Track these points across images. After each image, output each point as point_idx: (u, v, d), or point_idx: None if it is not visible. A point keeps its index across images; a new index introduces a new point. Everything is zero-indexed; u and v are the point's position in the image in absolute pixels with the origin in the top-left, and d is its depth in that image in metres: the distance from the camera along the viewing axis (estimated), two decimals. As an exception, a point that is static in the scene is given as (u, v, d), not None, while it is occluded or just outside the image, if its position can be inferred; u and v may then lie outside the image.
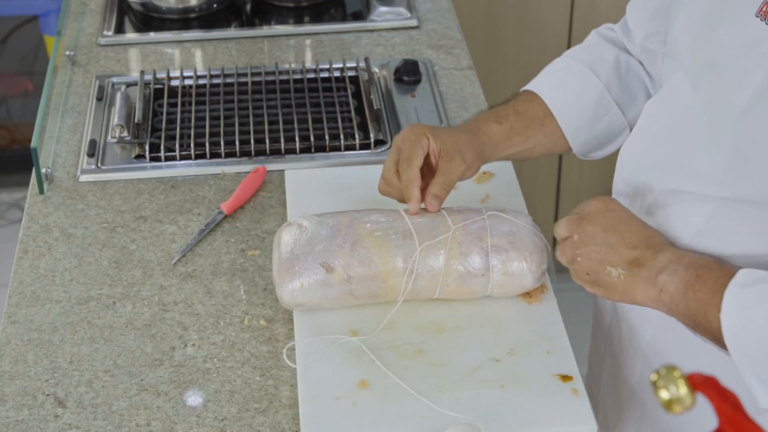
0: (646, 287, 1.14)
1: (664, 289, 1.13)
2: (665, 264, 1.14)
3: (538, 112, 1.41)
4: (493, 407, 1.20)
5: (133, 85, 1.85)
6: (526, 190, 1.56)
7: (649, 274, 1.14)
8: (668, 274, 1.13)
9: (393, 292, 1.30)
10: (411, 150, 1.33)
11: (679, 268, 1.13)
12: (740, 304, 1.07)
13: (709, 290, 1.10)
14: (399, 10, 2.05)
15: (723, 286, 1.09)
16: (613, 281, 1.16)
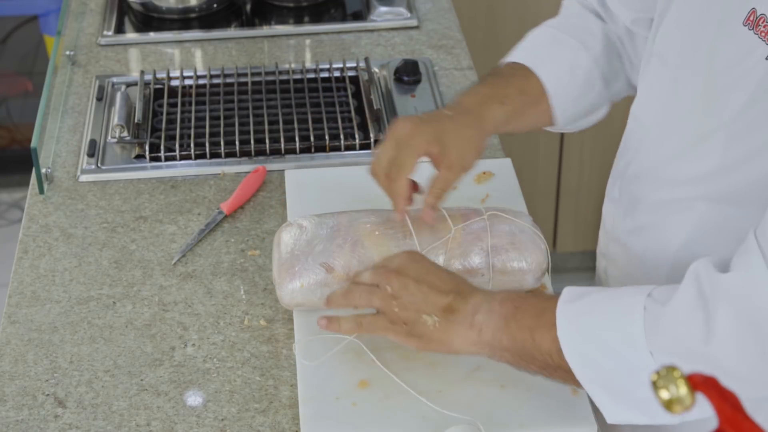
0: (463, 331, 1.16)
1: (483, 328, 1.15)
2: (478, 305, 1.16)
3: (535, 90, 1.38)
4: (493, 407, 1.20)
5: (133, 85, 1.85)
6: (526, 190, 1.56)
7: (464, 318, 1.16)
8: (484, 314, 1.15)
9: None
10: (405, 158, 1.29)
11: (493, 305, 1.15)
12: (574, 316, 1.09)
13: (532, 316, 1.12)
14: (399, 10, 2.05)
15: (545, 309, 1.11)
16: (429, 330, 1.17)
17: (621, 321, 1.06)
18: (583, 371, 1.09)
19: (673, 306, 1.04)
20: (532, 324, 1.12)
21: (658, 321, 1.04)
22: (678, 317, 1.03)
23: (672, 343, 1.03)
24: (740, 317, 1.01)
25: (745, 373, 1.02)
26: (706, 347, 1.01)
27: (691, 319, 1.03)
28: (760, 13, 1.06)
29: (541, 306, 1.13)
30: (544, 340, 1.11)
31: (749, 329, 1.00)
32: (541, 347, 1.11)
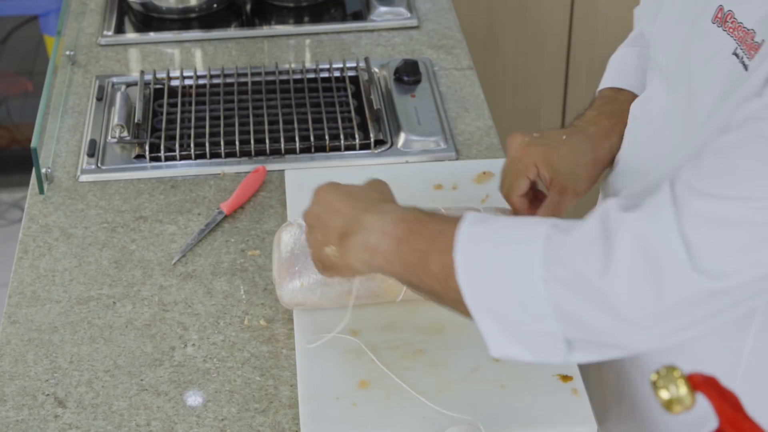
0: (359, 254, 1.14)
1: (376, 250, 1.13)
2: (372, 226, 1.13)
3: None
4: (493, 407, 1.20)
5: (133, 85, 1.85)
6: (526, 190, 1.56)
7: (357, 241, 1.14)
8: (377, 236, 1.13)
9: (393, 291, 1.30)
10: (515, 180, 1.29)
11: (387, 226, 1.13)
12: (474, 238, 1.06)
13: (426, 240, 1.09)
14: (399, 10, 2.05)
15: (441, 233, 1.08)
16: (332, 260, 1.17)
17: (520, 246, 1.03)
18: (473, 296, 1.05)
19: (575, 236, 1.02)
20: (426, 248, 1.09)
21: (558, 250, 1.02)
22: (578, 248, 1.01)
23: (568, 273, 1.01)
24: (640, 254, 0.98)
25: (633, 315, 0.99)
26: (601, 280, 0.99)
27: (591, 251, 1.00)
28: (727, 9, 1.07)
29: (438, 230, 1.10)
30: (435, 264, 1.08)
31: (647, 267, 0.98)
32: (431, 271, 1.08)
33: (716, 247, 0.97)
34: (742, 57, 1.05)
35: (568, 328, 1.02)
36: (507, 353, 1.06)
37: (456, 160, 1.66)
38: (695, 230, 0.97)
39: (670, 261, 0.98)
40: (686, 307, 0.99)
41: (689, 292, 0.98)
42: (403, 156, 1.66)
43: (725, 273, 0.98)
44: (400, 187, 1.52)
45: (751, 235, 0.96)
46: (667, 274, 0.98)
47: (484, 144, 1.70)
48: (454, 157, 1.66)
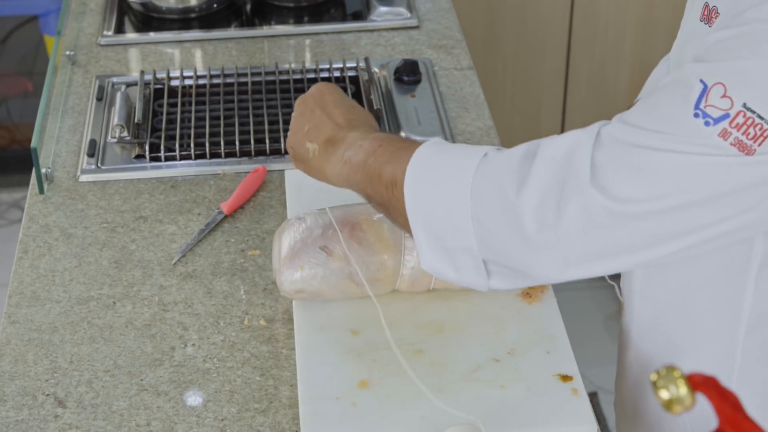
0: (335, 162, 1.20)
1: (348, 161, 1.19)
2: (353, 141, 1.20)
3: None
4: (493, 407, 1.20)
5: (133, 85, 1.85)
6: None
7: (337, 151, 1.20)
8: (354, 150, 1.19)
9: (392, 274, 1.31)
10: None
11: (364, 143, 1.18)
12: (430, 153, 1.11)
13: (389, 153, 1.15)
14: (399, 10, 2.05)
15: (404, 148, 1.14)
16: (309, 157, 1.23)
17: (460, 162, 1.09)
18: (412, 205, 1.11)
19: (507, 153, 1.07)
20: (386, 158, 1.15)
21: (489, 164, 1.07)
22: (505, 164, 1.06)
23: (490, 186, 1.06)
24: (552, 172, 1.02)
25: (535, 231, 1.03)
26: (515, 196, 1.03)
27: (514, 168, 1.05)
28: (711, 5, 1.08)
29: (402, 147, 1.15)
30: (386, 173, 1.14)
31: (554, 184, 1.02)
32: (383, 178, 1.14)
33: (618, 168, 1.00)
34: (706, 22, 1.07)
35: (484, 247, 1.07)
36: (435, 267, 1.12)
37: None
38: (604, 151, 1.01)
39: (574, 177, 1.01)
40: (586, 228, 1.02)
41: (585, 207, 1.01)
42: (403, 156, 1.66)
43: (625, 196, 1.00)
44: (400, 187, 1.52)
45: (655, 162, 0.99)
46: (568, 188, 1.01)
47: (484, 144, 1.70)
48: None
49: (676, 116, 0.98)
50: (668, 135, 0.98)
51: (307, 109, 1.25)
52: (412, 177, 1.11)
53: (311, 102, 1.26)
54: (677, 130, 0.97)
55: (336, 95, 1.26)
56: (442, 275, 1.13)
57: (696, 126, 0.96)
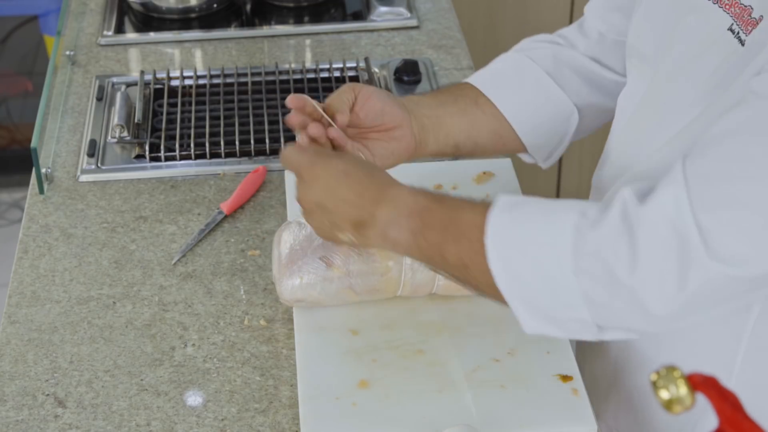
0: (379, 244, 1.17)
1: (396, 243, 1.15)
2: (387, 219, 1.15)
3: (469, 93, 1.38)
4: (493, 407, 1.20)
5: (133, 85, 1.85)
6: (526, 190, 1.56)
7: (375, 233, 1.16)
8: (394, 230, 1.14)
9: (393, 286, 1.30)
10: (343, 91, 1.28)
11: (401, 219, 1.14)
12: (506, 225, 1.08)
13: (437, 232, 1.12)
14: (399, 10, 2.05)
15: (451, 221, 1.11)
16: (350, 242, 1.19)
17: (551, 238, 1.05)
18: (506, 283, 1.08)
19: (601, 231, 1.03)
20: (439, 240, 1.11)
21: (587, 244, 1.03)
22: (605, 243, 1.03)
23: (597, 268, 1.03)
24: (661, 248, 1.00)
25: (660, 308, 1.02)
26: (629, 278, 1.01)
27: (617, 247, 1.02)
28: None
29: (447, 218, 1.12)
30: (451, 256, 1.11)
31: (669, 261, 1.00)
32: (449, 262, 1.11)
33: (729, 232, 0.98)
34: (737, 32, 1.05)
35: (599, 317, 1.06)
36: (539, 331, 1.10)
37: (456, 160, 1.66)
38: (707, 215, 0.98)
39: (688, 251, 0.99)
40: (709, 293, 1.01)
41: (709, 279, 0.99)
42: (403, 156, 1.66)
43: (742, 259, 0.98)
44: (400, 187, 1.52)
45: (761, 217, 0.97)
46: (686, 265, 0.99)
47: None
48: (454, 157, 1.66)
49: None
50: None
51: (314, 207, 1.18)
52: (498, 257, 1.07)
53: (314, 197, 1.18)
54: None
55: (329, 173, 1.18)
56: (546, 336, 1.11)
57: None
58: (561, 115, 1.39)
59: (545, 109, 1.38)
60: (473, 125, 1.37)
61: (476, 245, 1.08)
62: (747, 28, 1.04)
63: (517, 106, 1.38)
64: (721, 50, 1.07)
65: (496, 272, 1.07)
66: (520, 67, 1.39)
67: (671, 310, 1.02)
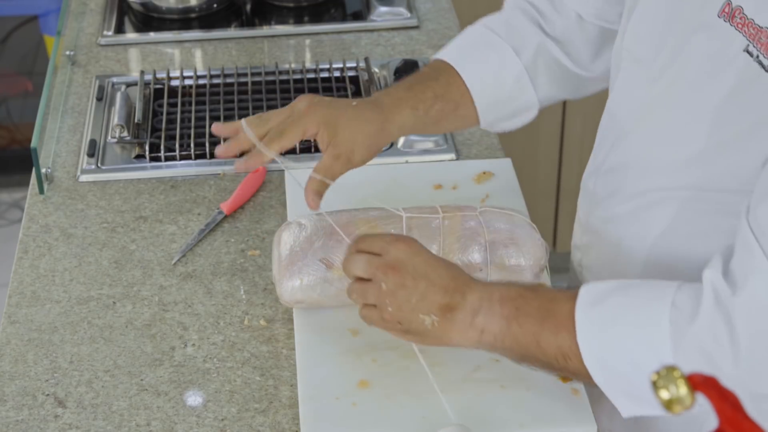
0: (463, 330, 1.14)
1: (486, 329, 1.13)
2: (478, 304, 1.14)
3: (455, 94, 1.37)
4: (493, 407, 1.20)
5: (133, 85, 1.85)
6: (526, 190, 1.56)
7: (464, 317, 1.14)
8: (485, 315, 1.13)
9: None
10: (289, 130, 1.26)
11: (493, 306, 1.13)
12: (596, 322, 1.08)
13: (535, 321, 1.11)
14: (399, 10, 2.05)
15: (549, 313, 1.11)
16: (427, 328, 1.15)
17: (647, 335, 1.06)
18: (604, 378, 1.09)
19: (699, 325, 1.04)
20: (536, 329, 1.11)
21: (685, 339, 1.04)
22: (705, 338, 1.03)
23: (701, 363, 1.03)
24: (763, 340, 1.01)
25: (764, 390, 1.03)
26: (735, 371, 1.01)
27: (718, 342, 1.02)
28: (735, 5, 1.06)
29: (544, 308, 1.12)
30: (549, 346, 1.11)
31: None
32: (547, 352, 1.11)
33: None
34: (757, 55, 1.04)
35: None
36: (639, 414, 1.11)
37: (456, 160, 1.66)
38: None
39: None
40: None
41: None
42: (403, 156, 1.66)
43: None
44: (400, 187, 1.53)
45: None
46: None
47: (484, 144, 1.70)
48: (454, 157, 1.66)
49: None
50: None
51: (407, 280, 1.15)
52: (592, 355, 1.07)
53: (407, 270, 1.15)
54: None
55: (426, 253, 1.17)
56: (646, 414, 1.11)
57: None
58: (524, 109, 1.42)
59: (513, 105, 1.41)
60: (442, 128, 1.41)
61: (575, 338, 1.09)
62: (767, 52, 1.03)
63: (492, 107, 1.39)
64: (738, 72, 1.06)
65: (592, 370, 1.08)
66: (507, 66, 1.38)
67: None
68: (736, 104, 1.08)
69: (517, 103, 1.40)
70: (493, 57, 1.38)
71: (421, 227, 1.31)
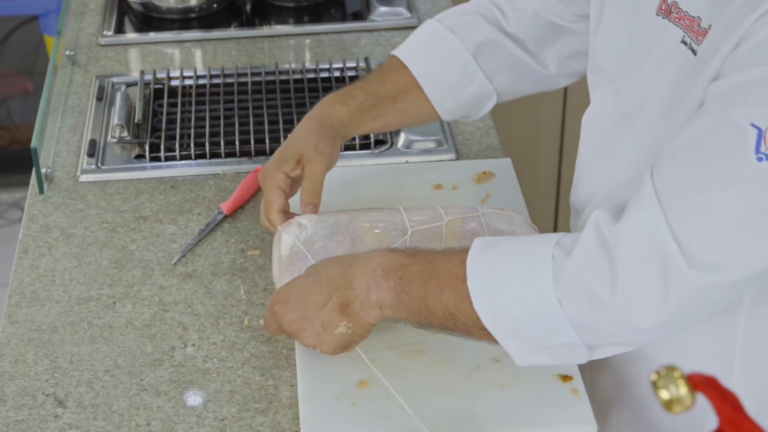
0: (368, 313, 1.18)
1: (383, 304, 1.17)
2: (366, 285, 1.17)
3: (390, 89, 1.41)
4: (493, 407, 1.20)
5: (133, 85, 1.85)
6: (526, 190, 1.56)
7: (361, 303, 1.17)
8: (375, 292, 1.17)
9: None
10: (270, 195, 1.35)
11: (379, 281, 1.16)
12: (484, 266, 1.10)
13: (419, 286, 1.14)
14: (399, 10, 2.06)
15: (430, 275, 1.13)
16: (348, 334, 1.19)
17: (530, 270, 1.08)
18: (493, 322, 1.10)
19: (577, 255, 1.05)
20: (422, 293, 1.14)
21: (565, 270, 1.06)
22: (583, 267, 1.05)
23: (580, 292, 1.05)
24: (640, 264, 1.02)
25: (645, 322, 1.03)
26: (612, 299, 1.03)
27: (595, 269, 1.04)
28: (671, 1, 1.08)
29: (426, 272, 1.14)
30: (436, 307, 1.13)
31: (649, 276, 1.01)
32: (436, 313, 1.13)
33: (705, 239, 1.00)
34: (690, 44, 1.06)
35: (588, 337, 1.08)
36: (531, 362, 1.13)
37: (456, 160, 1.66)
38: (683, 226, 1.00)
39: (668, 263, 1.01)
40: (694, 301, 1.03)
41: (692, 288, 1.01)
42: (403, 156, 1.67)
43: (722, 265, 1.00)
44: (400, 187, 1.53)
45: (732, 222, 0.99)
46: (667, 277, 1.01)
47: (484, 144, 1.70)
48: (454, 157, 1.66)
49: (739, 165, 0.97)
50: (738, 187, 0.97)
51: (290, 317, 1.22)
52: (481, 298, 1.09)
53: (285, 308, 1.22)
54: (744, 178, 0.97)
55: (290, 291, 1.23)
56: (538, 364, 1.15)
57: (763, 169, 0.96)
58: (482, 98, 1.44)
59: (466, 94, 1.43)
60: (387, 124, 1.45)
61: (458, 293, 1.11)
62: (698, 39, 1.05)
63: (443, 96, 1.43)
64: (677, 63, 1.08)
65: (481, 313, 1.10)
66: (453, 55, 1.41)
67: (658, 321, 1.03)
68: (678, 95, 1.09)
69: (469, 90, 1.42)
70: (441, 48, 1.42)
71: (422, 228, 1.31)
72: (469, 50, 1.41)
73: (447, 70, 1.41)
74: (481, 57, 1.41)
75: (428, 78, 1.41)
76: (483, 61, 1.41)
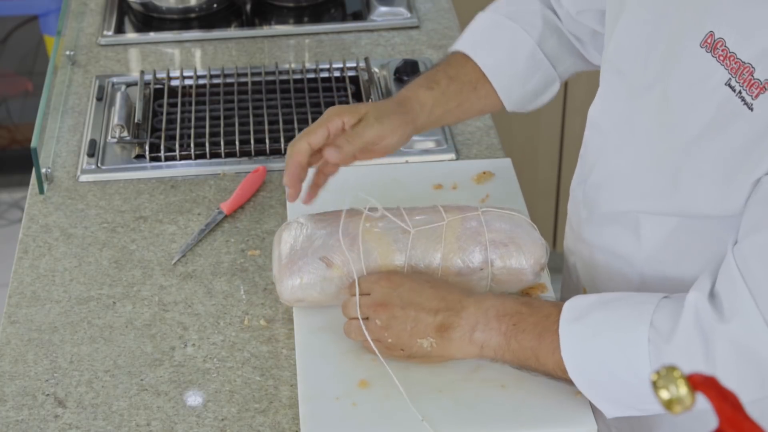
0: (462, 347, 1.19)
1: (485, 345, 1.18)
2: (474, 321, 1.18)
3: (470, 75, 1.39)
4: (493, 407, 1.20)
5: (133, 85, 1.85)
6: (526, 190, 1.56)
7: (461, 335, 1.18)
8: (482, 331, 1.18)
9: None
10: (315, 126, 1.29)
11: (490, 322, 1.17)
12: (578, 340, 1.13)
13: (532, 337, 1.16)
14: (399, 10, 2.05)
15: (545, 330, 1.14)
16: (428, 350, 1.20)
17: (626, 353, 1.09)
18: (590, 389, 1.14)
19: (676, 344, 1.07)
20: (534, 345, 1.15)
21: (661, 358, 1.07)
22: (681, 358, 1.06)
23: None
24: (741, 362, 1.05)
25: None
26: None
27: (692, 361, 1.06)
28: (718, 36, 1.05)
29: (541, 325, 1.15)
30: (548, 361, 1.15)
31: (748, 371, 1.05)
32: (546, 366, 1.16)
33: None
34: (740, 91, 1.03)
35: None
36: (622, 415, 1.16)
37: (456, 160, 1.66)
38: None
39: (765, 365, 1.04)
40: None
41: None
42: (403, 156, 1.66)
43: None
44: (400, 187, 1.53)
45: None
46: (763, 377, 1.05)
47: (484, 144, 1.70)
48: (454, 157, 1.66)
49: None
50: None
51: (396, 311, 1.21)
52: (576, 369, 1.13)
53: (394, 303, 1.21)
54: None
55: (408, 282, 1.23)
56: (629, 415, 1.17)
57: None
58: (546, 85, 1.43)
59: (533, 82, 1.42)
60: (465, 111, 1.42)
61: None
62: (752, 90, 1.02)
63: (511, 87, 1.41)
64: (719, 104, 1.06)
65: (577, 382, 1.13)
66: (518, 44, 1.40)
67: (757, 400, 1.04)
68: (715, 137, 1.08)
69: (536, 79, 1.42)
70: (504, 38, 1.40)
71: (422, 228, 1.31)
72: (533, 37, 1.39)
73: (514, 60, 1.40)
74: (545, 43, 1.40)
75: (495, 69, 1.39)
76: (547, 48, 1.40)
